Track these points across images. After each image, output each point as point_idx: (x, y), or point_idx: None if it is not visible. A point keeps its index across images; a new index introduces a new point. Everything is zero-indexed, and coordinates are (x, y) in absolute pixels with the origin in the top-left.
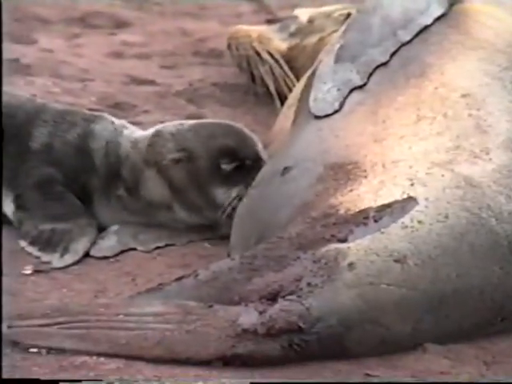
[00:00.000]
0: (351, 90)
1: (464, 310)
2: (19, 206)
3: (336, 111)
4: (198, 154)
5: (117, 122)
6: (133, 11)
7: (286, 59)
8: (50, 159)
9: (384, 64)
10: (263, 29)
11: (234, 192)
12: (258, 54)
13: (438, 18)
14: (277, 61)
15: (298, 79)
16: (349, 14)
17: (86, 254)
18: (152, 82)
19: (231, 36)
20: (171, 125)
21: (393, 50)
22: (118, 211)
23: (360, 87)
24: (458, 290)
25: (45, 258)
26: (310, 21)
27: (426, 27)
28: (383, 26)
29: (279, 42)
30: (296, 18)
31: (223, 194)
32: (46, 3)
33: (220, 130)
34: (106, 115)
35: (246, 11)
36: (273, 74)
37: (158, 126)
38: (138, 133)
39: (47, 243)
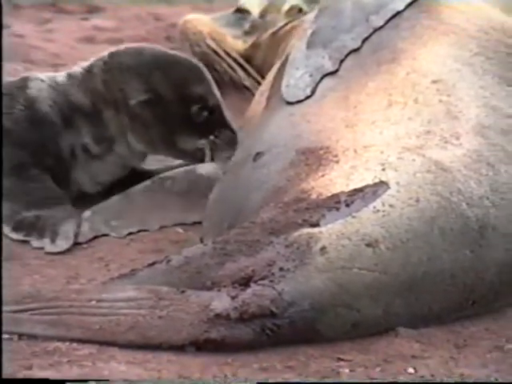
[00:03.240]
0: (323, 76)
1: (435, 294)
2: None
3: (308, 97)
4: (168, 98)
5: (41, 75)
6: None
7: (244, 58)
8: (10, 141)
9: (356, 50)
10: (212, 23)
11: (200, 144)
12: (215, 52)
13: (410, 4)
14: (235, 60)
15: (259, 74)
16: (300, 10)
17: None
18: None
19: (182, 32)
20: (122, 53)
21: (365, 35)
22: (90, 164)
23: (332, 73)
24: (429, 274)
25: (35, 243)
26: (262, 16)
27: (398, 12)
28: (355, 11)
29: (234, 41)
30: (248, 13)
31: (187, 143)
32: None
33: (187, 69)
34: (26, 75)
35: None
36: (233, 69)
37: (104, 57)
38: (77, 72)
39: (31, 228)
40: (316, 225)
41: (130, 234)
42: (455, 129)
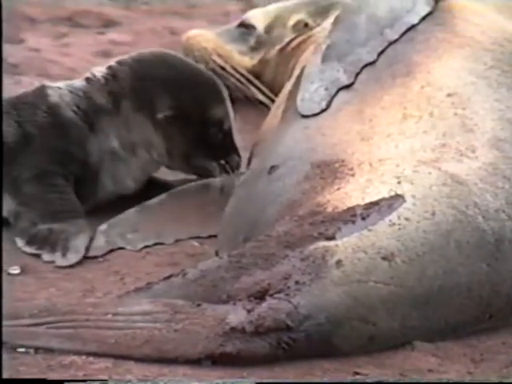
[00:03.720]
0: (338, 90)
1: (451, 307)
2: (19, 200)
3: (323, 110)
4: (192, 117)
5: (56, 83)
6: (121, 10)
7: (253, 74)
8: (35, 147)
9: (371, 63)
10: (216, 38)
11: (210, 165)
12: (223, 68)
13: (425, 17)
14: (244, 76)
15: (270, 91)
16: (306, 24)
17: None
18: None
19: (185, 48)
20: (149, 61)
21: (380, 49)
22: (115, 168)
23: (347, 86)
24: (445, 287)
25: (46, 257)
26: (267, 31)
27: (413, 26)
28: (370, 25)
29: (241, 57)
30: (253, 27)
31: (200, 162)
32: (33, 2)
33: (211, 89)
34: (41, 84)
35: (234, 10)
36: (244, 85)
37: (127, 62)
38: (98, 77)
39: (44, 242)
40: (332, 238)
41: (146, 247)
42: (471, 142)
